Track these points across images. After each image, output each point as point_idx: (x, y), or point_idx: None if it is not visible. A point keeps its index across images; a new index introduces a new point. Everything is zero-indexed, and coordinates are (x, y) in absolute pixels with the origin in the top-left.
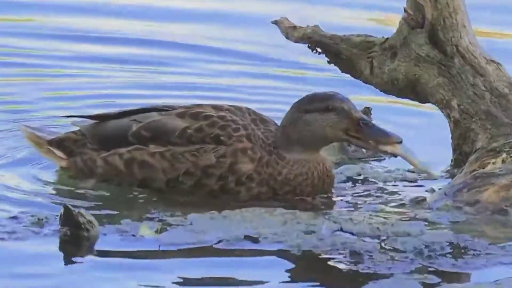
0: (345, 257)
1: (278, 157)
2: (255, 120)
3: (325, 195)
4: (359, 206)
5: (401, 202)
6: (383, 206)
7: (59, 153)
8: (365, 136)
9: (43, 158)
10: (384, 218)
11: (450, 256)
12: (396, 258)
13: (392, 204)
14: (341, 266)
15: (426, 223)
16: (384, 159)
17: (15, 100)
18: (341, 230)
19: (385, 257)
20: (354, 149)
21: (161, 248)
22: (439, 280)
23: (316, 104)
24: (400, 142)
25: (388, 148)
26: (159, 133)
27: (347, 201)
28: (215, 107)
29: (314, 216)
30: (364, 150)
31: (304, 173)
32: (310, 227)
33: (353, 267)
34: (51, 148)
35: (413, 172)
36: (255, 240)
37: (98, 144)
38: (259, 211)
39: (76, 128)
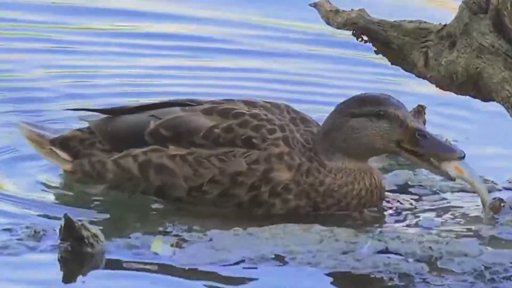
0: (391, 280)
1: (319, 164)
2: (295, 119)
3: (373, 209)
4: (409, 221)
5: (459, 215)
6: (437, 221)
7: (63, 154)
8: (421, 149)
9: (45, 159)
10: (437, 235)
11: None
12: (452, 281)
13: (448, 218)
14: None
15: (487, 241)
16: None
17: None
18: (387, 249)
19: (440, 280)
20: None
21: (175, 267)
22: None
23: (365, 108)
24: (463, 157)
25: (449, 168)
26: (181, 132)
27: (394, 215)
28: (248, 103)
29: (356, 233)
30: None
31: (350, 182)
32: (350, 246)
33: None
34: (54, 149)
35: None
36: (282, 260)
37: (109, 144)
38: (291, 228)
39: (84, 125)
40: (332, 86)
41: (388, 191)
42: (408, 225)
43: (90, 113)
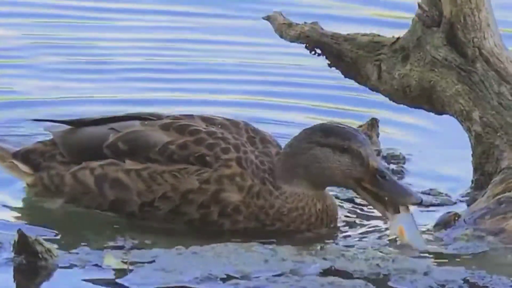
0: None
1: (272, 186)
2: (253, 139)
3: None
4: (351, 238)
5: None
6: (382, 238)
7: (24, 167)
8: (379, 191)
9: (7, 174)
10: (383, 252)
11: None
12: None
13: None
14: None
15: (440, 257)
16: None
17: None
18: (334, 268)
19: None
20: None
21: (129, 286)
22: None
23: (331, 139)
24: (420, 203)
25: (393, 227)
26: (138, 146)
27: (336, 232)
28: (206, 119)
29: (299, 251)
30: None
31: (300, 208)
32: (297, 265)
33: None
34: (16, 162)
35: (428, 194)
36: (235, 281)
37: (69, 155)
38: (233, 247)
39: (47, 137)
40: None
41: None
42: (350, 243)
43: (55, 124)
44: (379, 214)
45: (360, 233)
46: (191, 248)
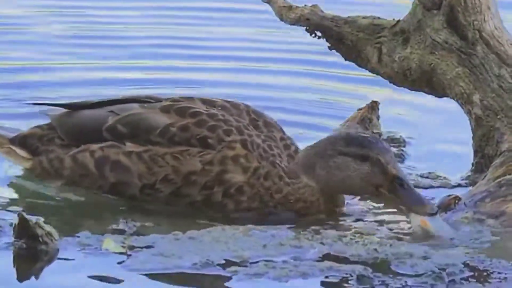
0: (349, 284)
1: (284, 172)
2: (256, 122)
3: None
4: (348, 222)
5: (403, 217)
6: (378, 223)
7: (22, 152)
8: (396, 198)
9: (5, 159)
10: (380, 237)
11: (475, 280)
12: (412, 283)
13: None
14: None
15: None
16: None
17: None
18: (332, 253)
19: (400, 282)
20: None
21: (129, 271)
22: None
23: (352, 148)
24: (435, 214)
25: (415, 223)
26: (138, 129)
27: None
28: (206, 101)
29: (297, 236)
30: None
31: (309, 201)
32: (296, 250)
33: None
34: (13, 147)
35: (427, 177)
36: (235, 266)
37: (68, 138)
38: (231, 232)
39: (44, 121)
40: None
41: None
42: (348, 227)
43: (51, 107)
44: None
45: (358, 218)
46: (188, 233)
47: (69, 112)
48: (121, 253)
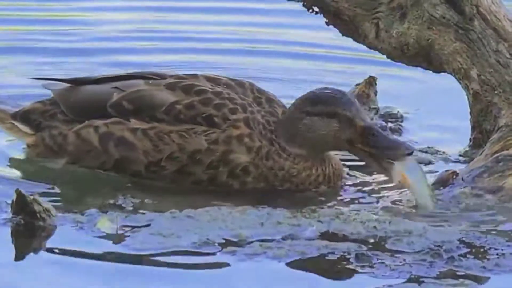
0: (348, 261)
1: (280, 147)
2: (259, 99)
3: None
4: (344, 200)
5: (401, 194)
6: (376, 200)
7: (24, 128)
8: (371, 149)
9: (6, 134)
10: (377, 215)
11: (473, 257)
12: (411, 261)
13: (389, 196)
14: (349, 273)
15: (437, 216)
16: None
17: None
18: (330, 231)
19: (398, 260)
20: None
21: (126, 251)
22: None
23: (318, 107)
24: (411, 153)
25: (395, 174)
26: (144, 106)
27: (328, 194)
28: (211, 79)
29: (293, 214)
30: None
31: (308, 168)
32: (294, 229)
33: (367, 274)
34: (15, 123)
35: (426, 152)
36: (233, 245)
37: (71, 113)
38: (228, 210)
39: (45, 96)
40: None
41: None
42: (345, 205)
43: (54, 82)
44: (374, 175)
45: (356, 196)
46: (186, 212)
47: (73, 87)
48: (119, 233)
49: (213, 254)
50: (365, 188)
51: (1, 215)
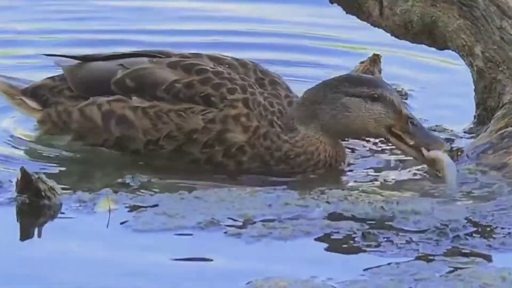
0: (354, 240)
1: (281, 129)
2: (262, 81)
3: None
4: (352, 181)
5: (406, 173)
6: (382, 180)
7: (32, 103)
8: (410, 137)
9: (16, 111)
10: (384, 196)
11: (479, 236)
12: (417, 239)
13: (395, 176)
14: (356, 252)
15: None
16: None
17: None
18: (338, 211)
19: (405, 239)
20: None
21: (132, 232)
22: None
23: (361, 88)
24: (449, 150)
25: (432, 155)
26: (145, 84)
27: (336, 175)
28: (214, 59)
29: (302, 196)
30: None
31: (309, 152)
32: (301, 210)
33: (373, 253)
34: (25, 99)
35: (434, 130)
36: (238, 225)
37: (77, 89)
38: (237, 192)
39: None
40: None
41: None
42: (353, 186)
43: (65, 58)
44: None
45: (363, 177)
46: (194, 193)
47: (80, 63)
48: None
49: (217, 234)
50: (373, 171)
51: (6, 194)
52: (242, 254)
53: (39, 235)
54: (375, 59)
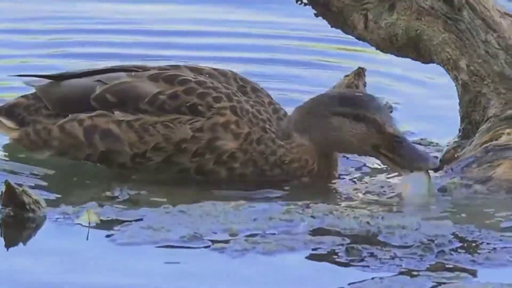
0: (338, 256)
1: (275, 135)
2: (244, 88)
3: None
4: (338, 195)
5: (391, 189)
6: (368, 195)
7: (8, 122)
8: (396, 157)
9: None
10: (370, 210)
11: (464, 251)
12: (401, 255)
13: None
14: (339, 267)
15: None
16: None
17: None
18: (323, 226)
19: (389, 254)
20: None
21: (117, 245)
22: (470, 277)
23: (345, 108)
24: (438, 169)
25: (405, 179)
26: (127, 98)
27: (322, 190)
28: (194, 69)
29: (287, 210)
30: None
31: (304, 160)
32: (286, 224)
33: (357, 268)
34: (0, 118)
35: (419, 144)
36: (223, 239)
37: (55, 108)
38: (221, 206)
39: (29, 91)
40: None
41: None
42: (338, 200)
43: (36, 78)
44: (369, 172)
45: (349, 191)
46: (179, 207)
47: (54, 82)
48: (110, 226)
49: (200, 248)
50: (360, 185)
51: None
52: (225, 269)
53: (23, 248)
54: (359, 73)
